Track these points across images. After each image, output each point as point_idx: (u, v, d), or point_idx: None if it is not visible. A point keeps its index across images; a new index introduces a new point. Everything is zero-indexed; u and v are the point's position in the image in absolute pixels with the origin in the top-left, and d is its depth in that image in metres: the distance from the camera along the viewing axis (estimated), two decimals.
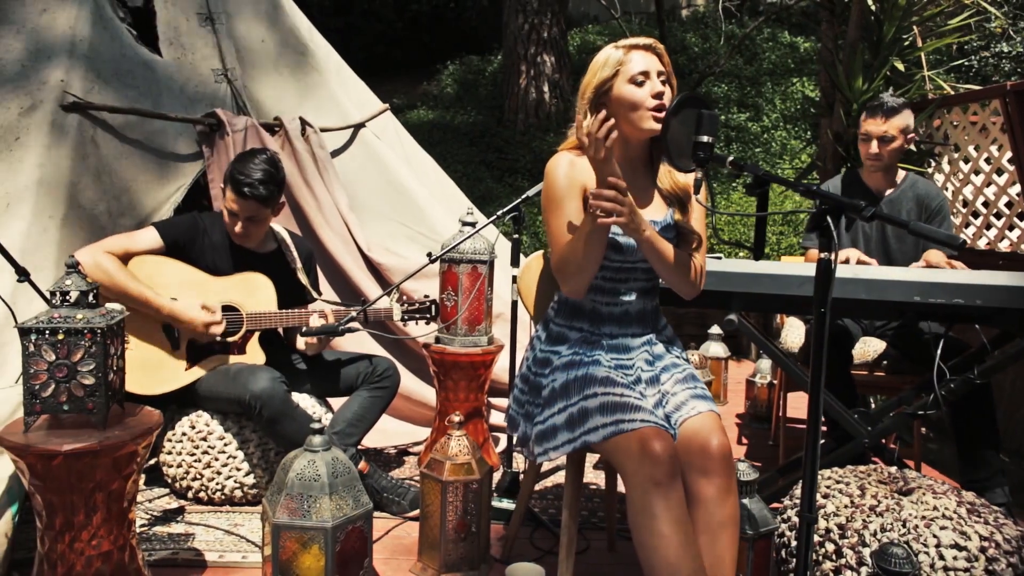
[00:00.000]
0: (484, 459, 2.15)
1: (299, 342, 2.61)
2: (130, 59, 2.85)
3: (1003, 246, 3.46)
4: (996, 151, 3.39)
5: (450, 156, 7.00)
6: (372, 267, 3.13)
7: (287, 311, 2.52)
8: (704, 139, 1.58)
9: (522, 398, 1.92)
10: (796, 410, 3.46)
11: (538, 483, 2.75)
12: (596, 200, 1.62)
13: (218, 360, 2.49)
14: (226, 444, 2.48)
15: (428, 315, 2.66)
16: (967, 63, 6.82)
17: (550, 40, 7.62)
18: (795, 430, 3.37)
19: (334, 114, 3.28)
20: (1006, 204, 3.43)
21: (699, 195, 1.71)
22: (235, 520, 2.42)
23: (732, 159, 1.55)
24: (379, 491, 2.49)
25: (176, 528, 2.36)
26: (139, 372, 2.38)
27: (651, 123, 1.73)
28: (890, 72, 3.78)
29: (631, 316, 1.87)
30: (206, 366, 2.48)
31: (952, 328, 2.36)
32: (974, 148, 3.56)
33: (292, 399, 2.46)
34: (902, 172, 2.89)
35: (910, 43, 3.88)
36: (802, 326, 3.07)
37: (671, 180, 1.84)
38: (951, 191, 3.69)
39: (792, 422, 3.36)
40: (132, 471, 1.74)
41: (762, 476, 2.20)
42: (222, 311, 2.48)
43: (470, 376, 2.70)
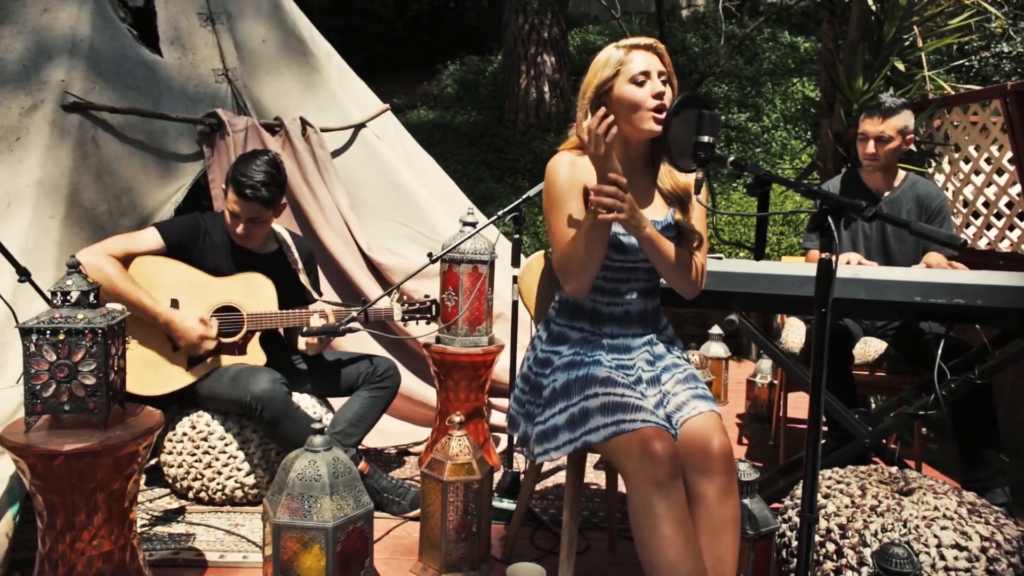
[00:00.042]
0: (485, 459, 2.15)
1: (300, 342, 2.61)
2: (131, 59, 2.85)
3: (1004, 246, 3.46)
4: (996, 151, 3.39)
5: (450, 156, 7.00)
6: (373, 267, 3.13)
7: (288, 311, 2.52)
8: (705, 139, 1.58)
9: (523, 398, 1.92)
10: (796, 410, 3.46)
11: (539, 483, 2.76)
12: (597, 196, 1.62)
13: (219, 361, 2.49)
14: (227, 444, 2.48)
15: (429, 315, 2.66)
16: (967, 63, 6.82)
17: (550, 40, 7.62)
18: (796, 430, 3.37)
19: (335, 114, 3.28)
20: (1006, 204, 3.43)
21: (700, 195, 1.71)
22: (236, 520, 2.42)
23: (733, 159, 1.55)
24: (379, 491, 2.49)
25: (177, 528, 2.36)
26: (140, 372, 2.38)
27: (651, 124, 1.73)
28: (890, 72, 3.78)
29: (632, 316, 1.87)
30: (207, 367, 2.48)
31: (953, 328, 2.36)
32: (974, 148, 3.56)
33: (292, 400, 2.46)
34: (902, 172, 2.89)
35: (910, 43, 3.88)
36: (802, 326, 3.07)
37: (672, 180, 1.84)
38: (952, 191, 3.69)
39: (793, 422, 3.36)
40: (133, 471, 1.74)
41: (763, 476, 2.20)
42: (223, 311, 2.48)
43: (471, 376, 2.70)
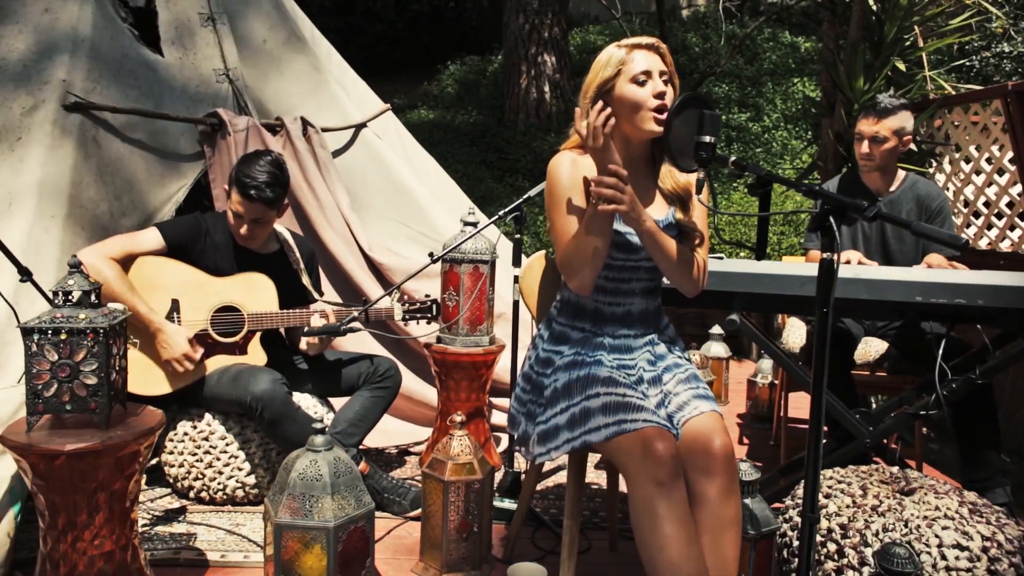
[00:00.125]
0: (486, 459, 2.15)
1: (301, 342, 2.61)
2: (132, 59, 2.85)
3: (1004, 246, 3.46)
4: (997, 151, 3.39)
5: (451, 156, 7.00)
6: (373, 267, 3.14)
7: (288, 311, 2.52)
8: (706, 139, 1.58)
9: (524, 397, 1.92)
10: (797, 410, 3.46)
11: (540, 483, 2.76)
12: (597, 187, 1.63)
13: (220, 361, 2.49)
14: (228, 444, 2.48)
15: (429, 315, 2.66)
16: (968, 63, 6.82)
17: (551, 40, 7.62)
18: (796, 430, 3.37)
19: (335, 114, 3.28)
20: (1007, 204, 3.43)
21: (701, 195, 1.71)
22: (237, 520, 2.42)
23: (734, 159, 1.56)
24: (380, 491, 2.49)
25: (178, 528, 2.36)
26: (141, 372, 2.38)
27: (652, 124, 1.73)
28: (891, 72, 3.78)
29: (634, 316, 1.87)
30: (207, 367, 2.47)
31: (954, 328, 2.36)
32: (975, 148, 3.56)
33: (293, 401, 2.46)
34: (902, 173, 2.88)
35: (911, 43, 3.88)
36: (803, 326, 3.07)
37: (672, 180, 1.84)
38: (952, 191, 3.69)
39: (793, 422, 3.36)
40: (134, 471, 1.74)
41: (764, 476, 2.20)
42: (223, 311, 2.48)
43: (471, 376, 2.70)
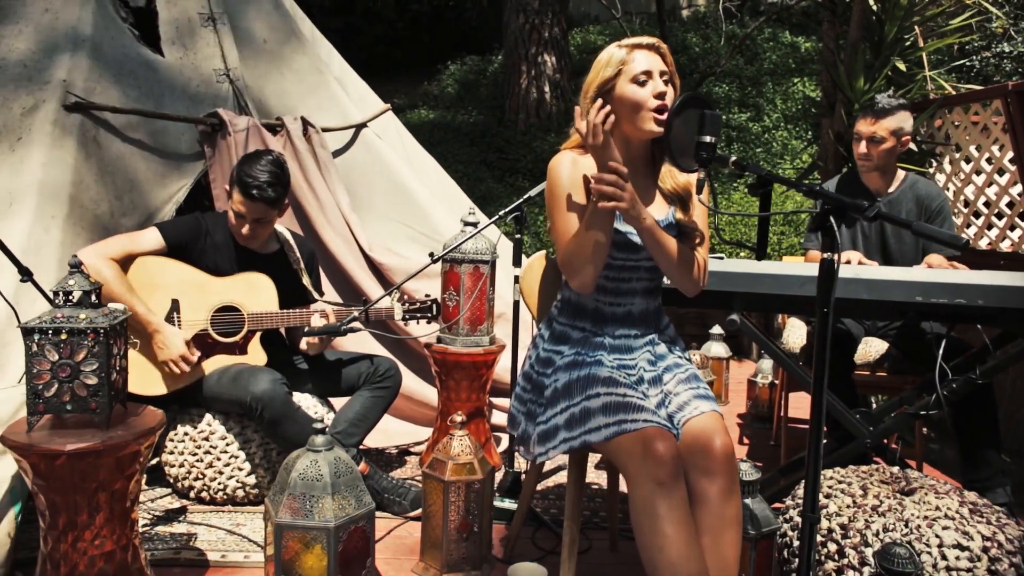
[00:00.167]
0: (486, 459, 2.16)
1: (301, 342, 2.61)
2: (132, 59, 2.85)
3: (1005, 246, 3.46)
4: (998, 151, 3.39)
5: (451, 156, 7.00)
6: (373, 267, 3.14)
7: (288, 311, 2.52)
8: (707, 139, 1.58)
9: (524, 396, 1.92)
10: (798, 410, 3.46)
11: (540, 483, 2.76)
12: (597, 184, 1.63)
13: (220, 360, 2.49)
14: (228, 444, 2.48)
15: (429, 314, 2.66)
16: (968, 63, 6.82)
17: (551, 40, 7.61)
18: (797, 430, 3.37)
19: (336, 114, 3.28)
20: (1007, 204, 3.43)
21: (701, 195, 1.71)
22: (237, 520, 2.42)
23: (735, 159, 1.56)
24: (380, 492, 2.49)
25: (178, 528, 2.36)
26: (141, 373, 2.38)
27: (652, 125, 1.73)
28: (891, 72, 3.78)
29: (634, 316, 1.87)
30: (208, 367, 2.48)
31: (954, 328, 2.36)
32: (975, 148, 3.56)
33: (293, 401, 2.46)
34: (901, 173, 2.88)
35: (911, 43, 3.88)
36: (803, 327, 3.07)
37: (672, 180, 1.84)
38: (952, 191, 3.69)
39: (794, 422, 3.37)
40: (135, 471, 1.74)
41: (764, 476, 2.20)
42: (223, 311, 2.48)
43: (472, 376, 2.70)
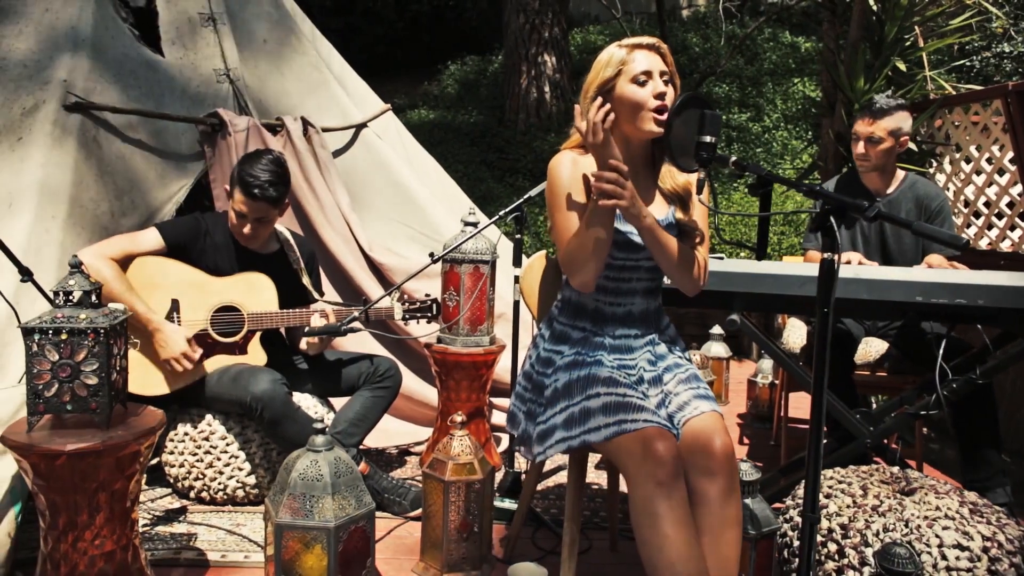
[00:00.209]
0: (486, 459, 2.16)
1: (301, 342, 2.61)
2: (132, 59, 2.85)
3: (1005, 246, 3.46)
4: (998, 151, 3.39)
5: (451, 156, 7.00)
6: (373, 267, 3.14)
7: (288, 311, 2.52)
8: (707, 139, 1.59)
9: (525, 395, 1.92)
10: (798, 410, 3.46)
11: (540, 483, 2.76)
12: (597, 182, 1.63)
13: (220, 360, 2.49)
14: (228, 444, 2.48)
15: (429, 314, 2.66)
16: (968, 63, 6.82)
17: (551, 40, 7.62)
18: (797, 430, 3.37)
19: (336, 114, 3.28)
20: (1008, 204, 3.43)
21: (702, 195, 1.71)
22: (237, 520, 2.42)
23: (735, 159, 1.56)
24: (380, 492, 2.49)
25: (178, 528, 2.36)
26: (141, 372, 2.38)
27: (652, 125, 1.73)
28: (892, 72, 3.78)
29: (634, 316, 1.87)
30: (207, 367, 2.48)
31: (954, 328, 2.36)
32: (976, 148, 3.56)
33: (293, 401, 2.46)
34: (901, 173, 2.88)
35: (912, 43, 3.88)
36: (804, 327, 3.07)
37: (672, 180, 1.84)
38: (953, 191, 3.69)
39: (794, 422, 3.37)
40: (135, 471, 1.74)
41: (764, 476, 2.20)
42: (223, 311, 2.48)
43: (472, 376, 2.70)
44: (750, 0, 9.39)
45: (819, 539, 1.85)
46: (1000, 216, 3.47)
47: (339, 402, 2.68)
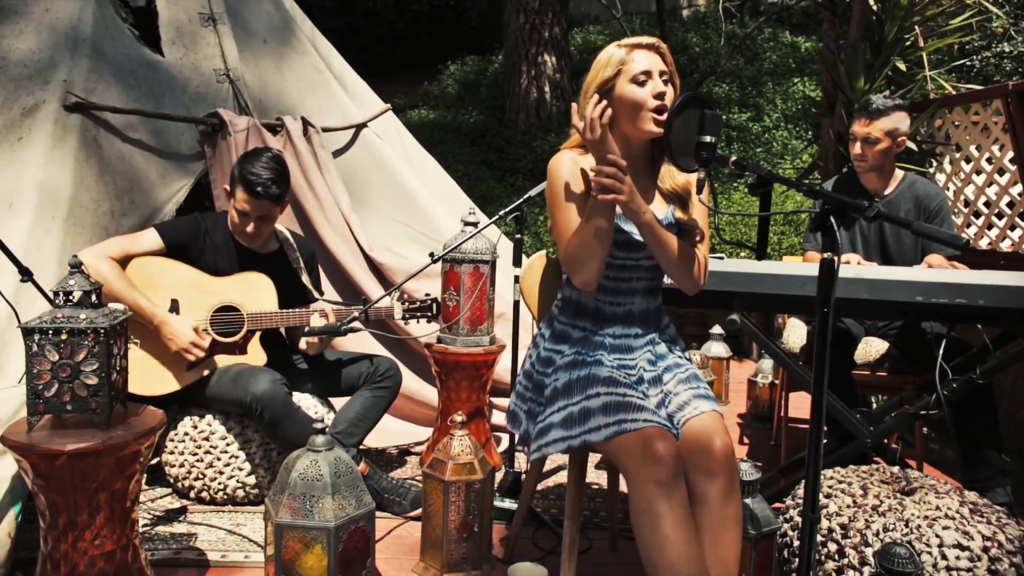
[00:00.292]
0: (486, 459, 2.15)
1: (301, 342, 2.61)
2: (133, 59, 2.85)
3: (1005, 246, 3.46)
4: (998, 151, 3.39)
5: (451, 156, 7.00)
6: (373, 267, 3.14)
7: (288, 311, 2.52)
8: (707, 139, 1.59)
9: (525, 394, 1.92)
10: (798, 410, 3.46)
11: (540, 483, 2.76)
12: (596, 176, 1.63)
13: (220, 360, 2.49)
14: (228, 444, 2.48)
15: (429, 313, 2.66)
16: (969, 63, 6.82)
17: (551, 40, 7.62)
18: (797, 430, 3.37)
19: (336, 114, 3.28)
20: (1008, 204, 3.43)
21: (701, 195, 1.71)
22: (237, 520, 2.42)
23: (735, 159, 1.56)
24: (380, 492, 2.49)
25: (179, 528, 2.36)
26: (142, 372, 2.38)
27: (652, 125, 1.73)
28: (892, 72, 3.78)
29: (634, 316, 1.87)
30: (207, 367, 2.48)
31: (954, 328, 2.36)
32: (976, 148, 3.56)
33: (293, 401, 2.46)
34: (900, 173, 2.88)
35: (912, 43, 3.88)
36: (804, 327, 3.07)
37: (672, 179, 1.84)
38: (953, 191, 3.69)
39: (794, 422, 3.36)
40: (135, 471, 1.74)
41: (764, 476, 2.20)
42: (223, 311, 2.48)
43: (472, 376, 2.70)
44: (750, 0, 9.39)
45: (819, 539, 1.85)
46: (1000, 216, 3.47)
47: (339, 402, 2.68)
